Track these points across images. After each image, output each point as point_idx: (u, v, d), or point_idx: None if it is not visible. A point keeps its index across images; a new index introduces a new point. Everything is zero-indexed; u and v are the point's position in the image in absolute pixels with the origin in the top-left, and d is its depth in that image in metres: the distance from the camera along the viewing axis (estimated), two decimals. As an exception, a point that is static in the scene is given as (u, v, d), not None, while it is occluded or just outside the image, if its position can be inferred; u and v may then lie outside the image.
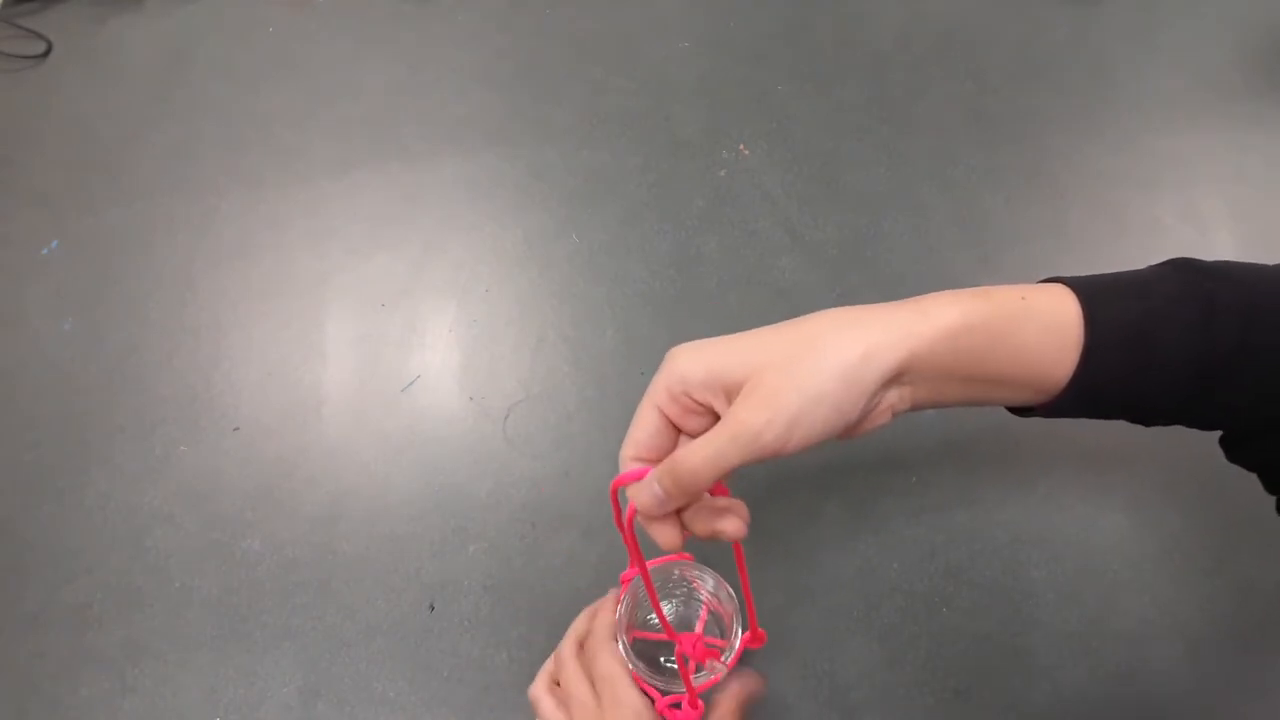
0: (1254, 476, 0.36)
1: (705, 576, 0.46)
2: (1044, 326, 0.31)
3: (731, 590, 0.45)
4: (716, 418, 0.34)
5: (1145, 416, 0.34)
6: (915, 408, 0.34)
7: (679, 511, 0.34)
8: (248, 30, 0.82)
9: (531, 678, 0.45)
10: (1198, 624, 0.53)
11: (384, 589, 0.55)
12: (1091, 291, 0.32)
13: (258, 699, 0.52)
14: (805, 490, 0.57)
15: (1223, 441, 0.36)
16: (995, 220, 0.69)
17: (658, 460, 0.35)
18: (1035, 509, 0.57)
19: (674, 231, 0.69)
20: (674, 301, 0.65)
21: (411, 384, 0.62)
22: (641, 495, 0.34)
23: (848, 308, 0.33)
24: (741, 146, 0.73)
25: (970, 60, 0.79)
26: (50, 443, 0.61)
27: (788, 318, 0.34)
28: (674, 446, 0.36)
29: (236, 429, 0.61)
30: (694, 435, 0.35)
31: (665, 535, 0.35)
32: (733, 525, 0.34)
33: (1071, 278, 0.33)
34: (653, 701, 0.41)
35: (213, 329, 0.65)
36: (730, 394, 0.32)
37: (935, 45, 0.80)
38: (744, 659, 0.43)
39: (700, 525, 0.35)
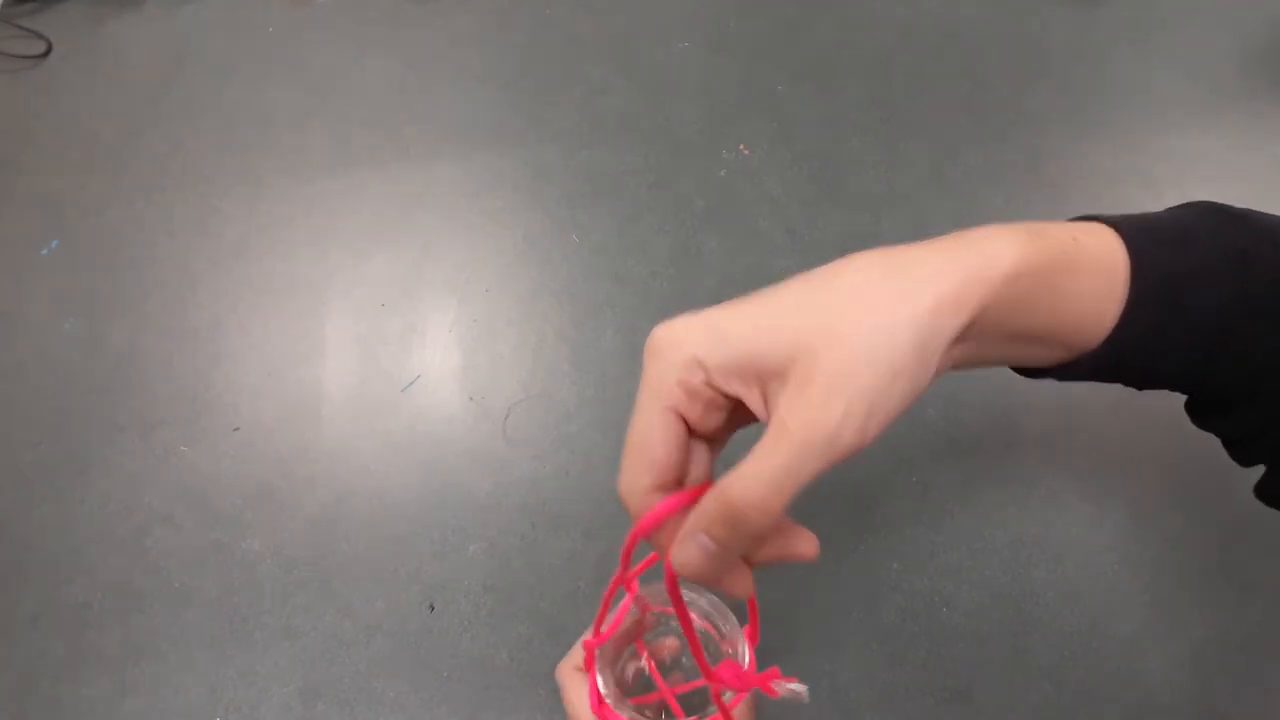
0: (1255, 476, 0.35)
1: (694, 597, 0.40)
2: (1095, 273, 0.27)
3: (718, 599, 0.40)
4: (740, 411, 0.27)
5: (1150, 379, 0.30)
6: (953, 369, 0.27)
7: None
8: (248, 30, 0.82)
9: (532, 678, 0.45)
10: (1198, 624, 0.53)
11: (384, 589, 0.55)
12: (1137, 237, 0.27)
13: (258, 699, 0.52)
14: (805, 490, 0.57)
15: (1190, 406, 0.33)
16: (995, 220, 0.69)
17: (677, 482, 0.27)
18: (1035, 509, 0.57)
19: (674, 231, 0.69)
20: (674, 301, 0.65)
21: (411, 384, 0.62)
22: (689, 556, 0.25)
23: (885, 249, 0.26)
24: (741, 146, 0.73)
25: (970, 60, 0.79)
26: (50, 443, 0.61)
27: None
28: (688, 461, 0.28)
29: (236, 429, 0.61)
30: (711, 439, 0.28)
31: (738, 584, 0.27)
32: (807, 543, 0.27)
33: (1110, 217, 0.28)
34: None
35: (213, 329, 0.65)
36: (766, 380, 0.25)
37: (936, 45, 0.80)
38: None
39: (766, 555, 0.27)
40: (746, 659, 0.37)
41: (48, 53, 0.81)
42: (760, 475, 0.24)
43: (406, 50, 0.81)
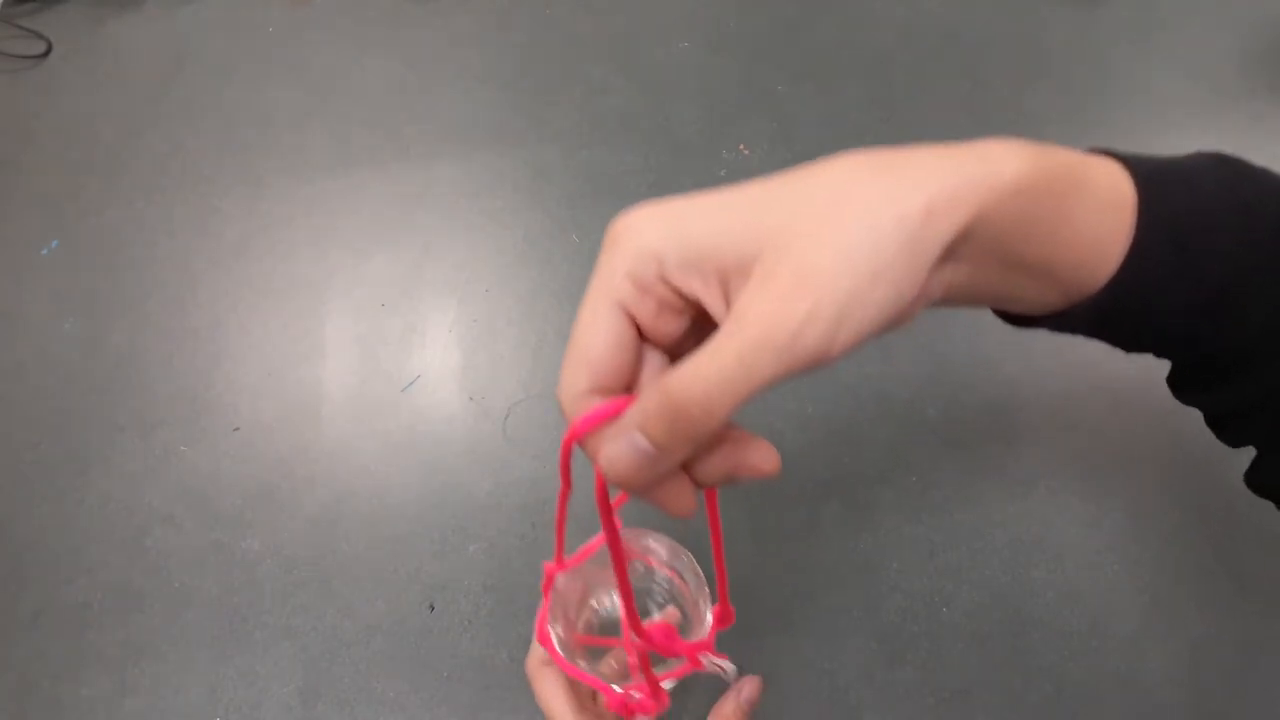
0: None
1: (657, 546, 0.38)
2: (1101, 203, 0.24)
3: (691, 558, 0.37)
4: (700, 317, 0.24)
5: (1145, 332, 0.27)
6: (945, 299, 0.25)
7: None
8: (248, 30, 0.82)
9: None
10: (1197, 622, 0.53)
11: (384, 589, 0.55)
12: (1146, 175, 0.25)
13: (258, 699, 0.52)
14: (805, 489, 0.57)
15: (1175, 379, 0.31)
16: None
17: (623, 389, 0.24)
18: (1035, 509, 0.57)
19: (674, 231, 0.69)
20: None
21: (411, 384, 0.62)
22: (619, 458, 0.22)
23: (878, 149, 0.23)
24: (741, 146, 0.73)
25: (970, 60, 0.79)
26: (50, 443, 0.61)
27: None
28: (638, 368, 0.25)
29: (236, 429, 0.61)
30: (667, 346, 0.25)
31: (678, 499, 0.24)
32: (764, 456, 0.24)
33: (1122, 152, 0.26)
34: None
35: (213, 329, 0.65)
36: (728, 278, 0.22)
37: (936, 45, 0.80)
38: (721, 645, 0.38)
39: (715, 468, 0.24)
40: (707, 629, 0.35)
41: (48, 53, 0.81)
42: (706, 371, 0.21)
43: (406, 50, 0.81)
